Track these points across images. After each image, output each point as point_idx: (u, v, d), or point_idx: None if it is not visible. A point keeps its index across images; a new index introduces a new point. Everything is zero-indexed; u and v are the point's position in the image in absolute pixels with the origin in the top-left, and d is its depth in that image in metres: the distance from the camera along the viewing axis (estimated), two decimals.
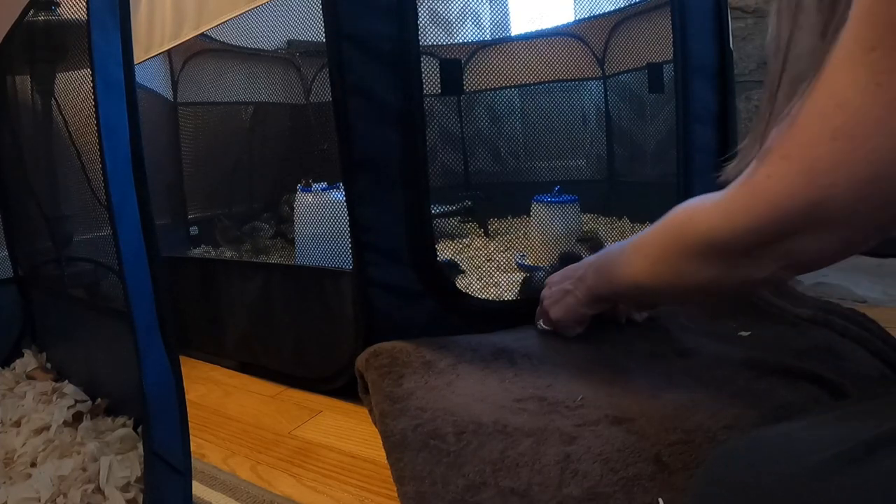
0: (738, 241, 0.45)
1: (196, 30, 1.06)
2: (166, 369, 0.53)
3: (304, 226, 1.18)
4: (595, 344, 0.76)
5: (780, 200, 0.40)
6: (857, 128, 0.34)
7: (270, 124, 1.58)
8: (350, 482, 0.66)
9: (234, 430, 0.82)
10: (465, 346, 0.76)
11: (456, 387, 0.67)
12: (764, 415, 0.57)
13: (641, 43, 1.27)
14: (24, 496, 0.59)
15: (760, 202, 0.42)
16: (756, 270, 0.46)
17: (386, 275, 0.81)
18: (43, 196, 0.94)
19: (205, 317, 1.14)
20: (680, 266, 0.53)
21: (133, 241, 0.52)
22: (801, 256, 0.43)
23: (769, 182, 0.41)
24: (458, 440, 0.57)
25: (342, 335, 0.87)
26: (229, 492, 0.66)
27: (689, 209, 0.51)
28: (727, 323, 0.81)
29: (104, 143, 0.51)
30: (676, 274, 0.53)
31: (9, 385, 0.93)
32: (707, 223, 0.48)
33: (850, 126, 0.35)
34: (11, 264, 1.11)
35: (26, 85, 0.97)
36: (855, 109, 0.34)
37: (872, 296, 1.07)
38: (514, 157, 1.72)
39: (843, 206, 0.37)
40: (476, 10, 1.80)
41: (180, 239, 1.47)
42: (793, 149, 0.39)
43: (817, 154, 0.37)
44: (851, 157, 0.35)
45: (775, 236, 0.42)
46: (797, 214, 0.40)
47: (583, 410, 0.60)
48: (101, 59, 0.51)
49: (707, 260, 0.49)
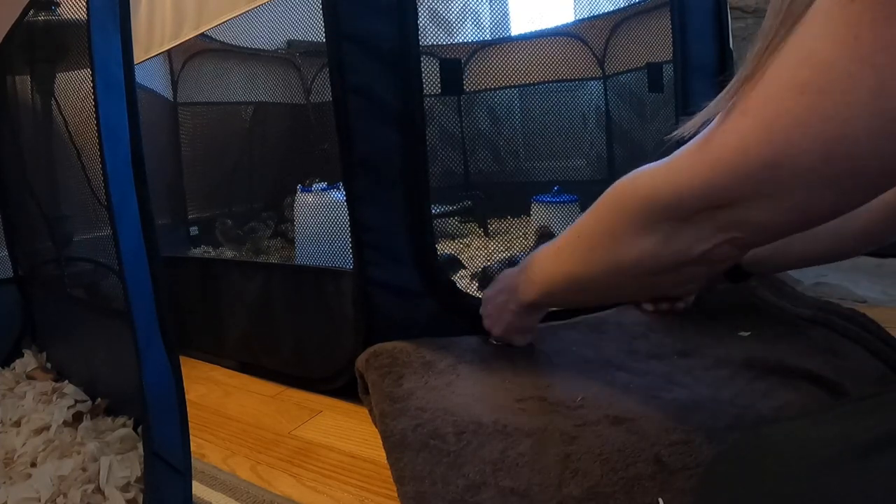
0: (681, 203, 0.41)
1: (196, 30, 1.06)
2: (166, 369, 0.53)
3: (305, 226, 1.18)
4: (595, 344, 0.76)
5: (734, 159, 0.36)
6: (827, 82, 0.31)
7: (270, 124, 1.58)
8: (350, 482, 0.66)
9: (234, 430, 0.82)
10: (465, 346, 0.76)
11: (456, 387, 0.67)
12: (764, 415, 0.57)
13: (641, 43, 1.27)
14: (24, 496, 0.59)
15: (711, 160, 0.38)
16: (696, 242, 0.42)
17: (386, 274, 0.81)
18: (43, 196, 0.94)
19: (205, 317, 1.14)
20: (615, 241, 0.48)
21: (133, 241, 0.52)
22: (748, 227, 0.39)
23: (723, 138, 0.37)
24: (458, 440, 0.57)
25: (342, 335, 0.87)
26: (229, 492, 0.66)
27: (631, 177, 0.47)
28: (727, 323, 0.81)
29: (104, 143, 0.51)
30: (612, 251, 0.49)
31: (9, 385, 0.93)
32: (649, 185, 0.43)
33: (821, 80, 0.31)
34: (11, 264, 1.11)
35: (26, 85, 0.97)
36: (827, 63, 0.31)
37: (872, 296, 1.07)
38: (514, 157, 1.73)
39: (804, 168, 0.33)
40: (476, 10, 1.80)
41: (180, 239, 1.47)
42: (754, 103, 0.35)
43: (781, 109, 0.33)
44: (819, 114, 0.31)
45: (723, 200, 0.38)
46: (751, 176, 0.35)
47: (583, 410, 0.60)
48: (101, 59, 0.51)
49: (644, 228, 0.45)
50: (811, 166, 0.33)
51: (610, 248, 0.49)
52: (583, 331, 0.80)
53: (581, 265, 0.53)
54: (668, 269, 0.46)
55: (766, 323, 0.79)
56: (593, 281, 0.55)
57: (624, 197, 0.47)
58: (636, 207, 0.45)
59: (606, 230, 0.49)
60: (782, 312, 0.81)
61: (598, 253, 0.51)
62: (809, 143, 0.32)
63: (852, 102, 0.30)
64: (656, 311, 0.84)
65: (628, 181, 0.47)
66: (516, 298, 0.67)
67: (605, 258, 0.50)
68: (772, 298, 0.84)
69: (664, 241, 0.44)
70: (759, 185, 0.36)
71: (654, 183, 0.43)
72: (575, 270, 0.55)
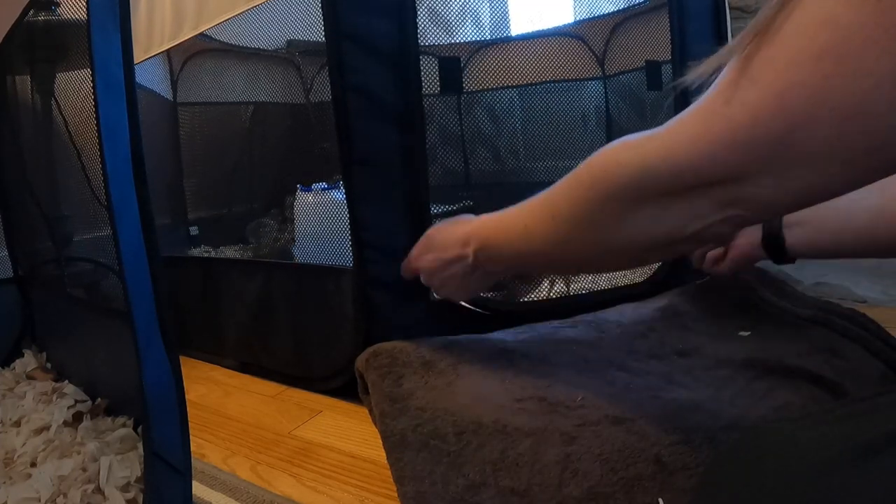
0: (678, 178, 0.37)
1: (195, 29, 1.06)
2: (166, 369, 0.53)
3: (305, 225, 1.18)
4: (595, 344, 0.76)
5: (740, 131, 0.33)
6: (848, 49, 0.28)
7: (270, 124, 1.58)
8: (350, 482, 0.66)
9: (234, 430, 0.82)
10: (465, 346, 0.76)
11: (456, 387, 0.67)
12: (764, 415, 0.57)
13: (642, 43, 1.27)
14: (24, 496, 0.59)
15: (714, 132, 0.34)
16: (691, 220, 0.39)
17: (386, 273, 0.81)
18: (43, 196, 0.94)
19: (205, 317, 1.14)
20: (597, 224, 0.44)
21: (133, 241, 0.52)
22: (749, 205, 0.36)
23: (729, 108, 0.34)
24: (458, 440, 0.57)
25: (342, 334, 0.87)
26: (229, 492, 0.66)
27: (613, 149, 0.42)
28: (727, 323, 0.81)
29: (104, 143, 0.51)
30: (595, 235, 0.45)
31: (9, 385, 0.93)
32: (638, 159, 0.39)
33: (840, 46, 0.29)
34: (11, 264, 1.11)
35: (26, 85, 0.97)
36: (847, 27, 0.28)
37: (872, 296, 1.07)
38: (515, 157, 1.72)
39: (817, 144, 0.31)
40: (476, 10, 1.80)
41: (180, 239, 1.47)
42: (764, 70, 0.32)
43: (795, 78, 0.30)
44: (837, 84, 0.29)
45: (726, 176, 0.35)
46: (759, 151, 0.33)
47: (583, 410, 0.60)
48: (101, 59, 0.51)
49: (632, 207, 0.41)
50: (825, 142, 0.31)
51: (591, 231, 0.45)
52: (583, 331, 0.79)
53: (560, 248, 0.49)
54: (658, 248, 0.43)
55: (766, 323, 0.79)
56: (572, 260, 0.52)
57: (605, 174, 0.42)
58: (621, 184, 0.41)
59: (586, 214, 0.45)
60: (782, 312, 0.81)
61: (577, 237, 0.46)
62: (825, 117, 0.30)
63: (874, 72, 0.28)
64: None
65: (606, 156, 0.43)
66: (479, 270, 0.63)
67: (586, 241, 0.46)
68: (772, 298, 0.84)
69: (654, 221, 0.41)
70: (767, 161, 0.33)
71: (643, 157, 0.39)
72: (552, 251, 0.50)
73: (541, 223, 0.50)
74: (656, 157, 0.38)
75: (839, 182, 0.33)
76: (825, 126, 0.30)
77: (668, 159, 0.38)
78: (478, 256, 0.62)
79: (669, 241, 0.42)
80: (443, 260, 0.67)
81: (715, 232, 0.39)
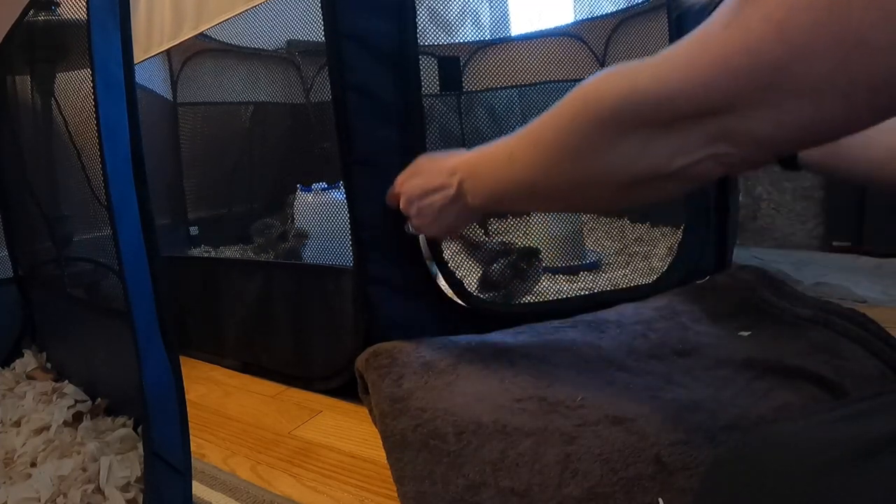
0: (668, 105, 0.36)
1: (195, 29, 1.06)
2: (166, 369, 0.53)
3: (305, 225, 1.18)
4: (595, 344, 0.76)
5: (738, 56, 0.32)
6: None
7: (270, 124, 1.58)
8: (350, 482, 0.66)
9: (234, 430, 0.82)
10: (465, 346, 0.76)
11: (456, 387, 0.67)
12: (764, 415, 0.57)
13: (642, 44, 1.27)
14: (24, 496, 0.59)
15: (711, 56, 0.33)
16: (678, 153, 0.37)
17: (386, 273, 0.81)
18: (43, 196, 0.94)
19: (205, 317, 1.14)
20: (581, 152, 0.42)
21: (133, 241, 0.52)
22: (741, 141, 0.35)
23: (727, 32, 0.32)
24: (458, 440, 0.57)
25: (342, 334, 0.87)
26: (229, 492, 0.66)
27: (604, 75, 0.40)
28: (727, 323, 0.81)
29: (104, 143, 0.51)
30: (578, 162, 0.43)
31: (9, 385, 0.93)
32: (628, 84, 0.38)
33: None
34: (11, 264, 1.11)
35: (26, 85, 0.97)
36: None
37: (872, 296, 1.07)
38: None
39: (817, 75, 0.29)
40: (476, 10, 1.81)
41: (180, 239, 1.47)
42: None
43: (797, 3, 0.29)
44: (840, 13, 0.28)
45: (720, 106, 0.34)
46: (757, 79, 0.31)
47: (583, 410, 0.60)
48: (101, 59, 0.51)
49: (618, 135, 0.39)
50: (825, 73, 0.29)
51: (575, 159, 0.43)
52: (583, 331, 0.79)
53: (542, 176, 0.48)
54: (641, 182, 0.41)
55: (766, 323, 0.79)
56: (554, 191, 0.49)
57: (593, 99, 0.41)
58: (609, 109, 0.39)
59: (571, 141, 0.43)
60: (782, 312, 0.81)
61: (560, 165, 0.45)
62: (826, 47, 0.29)
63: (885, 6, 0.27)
64: None
65: (597, 81, 0.41)
66: (459, 203, 0.62)
67: (569, 170, 0.45)
68: (772, 298, 0.84)
69: (639, 151, 0.39)
70: (764, 90, 0.32)
71: (634, 82, 0.37)
72: (535, 180, 0.49)
73: (525, 150, 0.49)
74: (648, 81, 0.37)
75: (839, 120, 0.31)
76: (827, 56, 0.29)
77: (660, 84, 0.36)
78: (461, 186, 0.60)
79: (653, 177, 0.40)
80: (425, 187, 0.65)
81: (701, 171, 0.38)
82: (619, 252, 1.32)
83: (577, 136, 0.43)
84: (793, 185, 1.54)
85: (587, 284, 1.10)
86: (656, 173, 0.40)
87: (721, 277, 0.89)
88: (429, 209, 0.66)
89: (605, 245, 1.38)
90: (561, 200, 0.53)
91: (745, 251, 1.49)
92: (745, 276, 0.88)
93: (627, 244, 1.37)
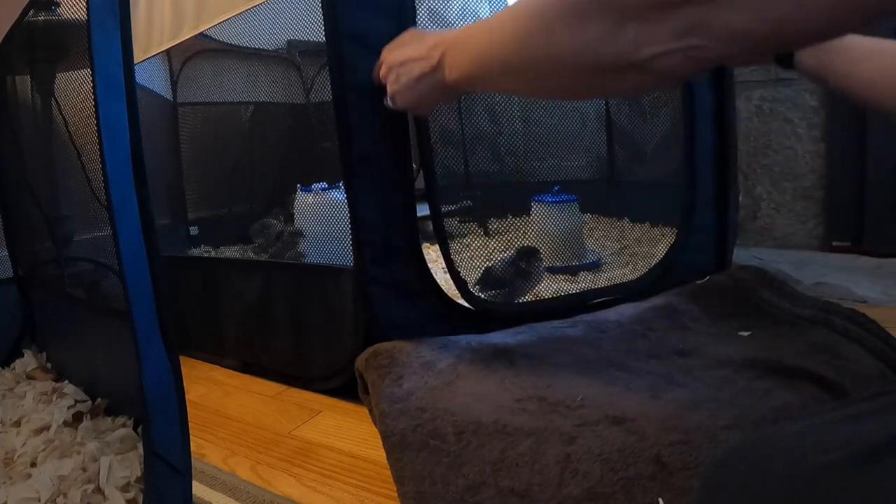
0: None
1: (195, 29, 1.06)
2: (166, 369, 0.53)
3: (305, 225, 1.18)
4: (595, 344, 0.76)
5: None
6: None
7: (270, 124, 1.58)
8: (350, 482, 0.66)
9: (234, 430, 0.82)
10: (465, 346, 0.76)
11: (456, 387, 0.67)
12: (764, 415, 0.57)
13: None
14: (24, 496, 0.59)
15: None
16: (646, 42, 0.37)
17: (386, 272, 0.81)
18: (43, 196, 0.94)
19: (205, 317, 1.14)
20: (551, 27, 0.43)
21: (133, 241, 0.52)
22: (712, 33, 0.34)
23: None
24: (458, 440, 0.57)
25: (342, 334, 0.87)
26: (229, 492, 0.66)
27: None
28: (727, 323, 0.81)
29: (104, 143, 0.51)
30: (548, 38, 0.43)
31: (9, 385, 0.93)
32: None
33: None
34: (11, 264, 1.11)
35: (26, 85, 0.97)
36: None
37: (872, 296, 1.07)
38: (514, 157, 1.72)
39: None
40: (476, 10, 1.80)
41: (180, 239, 1.47)
42: None
43: None
44: None
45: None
46: None
47: (583, 410, 0.60)
48: (101, 59, 0.51)
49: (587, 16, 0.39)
50: None
51: (548, 34, 0.44)
52: (583, 331, 0.80)
53: (516, 50, 0.48)
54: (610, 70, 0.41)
55: (766, 323, 0.79)
56: (526, 70, 0.49)
57: None
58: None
59: (546, 16, 0.44)
60: (782, 312, 0.81)
61: (532, 40, 0.45)
62: None
63: None
64: None
65: None
66: (437, 75, 0.62)
67: (539, 45, 0.45)
68: (772, 298, 0.84)
69: (608, 36, 0.39)
70: None
71: None
72: (508, 56, 0.49)
73: (502, 24, 0.50)
74: None
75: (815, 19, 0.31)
76: None
77: None
78: (442, 60, 0.61)
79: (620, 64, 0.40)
80: (408, 57, 0.66)
81: (669, 64, 0.37)
82: (619, 252, 1.32)
83: (552, 10, 0.43)
84: (793, 185, 1.54)
85: (587, 284, 1.10)
86: (624, 61, 0.39)
87: (721, 277, 0.90)
88: (406, 77, 0.67)
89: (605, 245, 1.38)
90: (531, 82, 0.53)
91: (745, 251, 1.49)
92: (745, 276, 0.88)
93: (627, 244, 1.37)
